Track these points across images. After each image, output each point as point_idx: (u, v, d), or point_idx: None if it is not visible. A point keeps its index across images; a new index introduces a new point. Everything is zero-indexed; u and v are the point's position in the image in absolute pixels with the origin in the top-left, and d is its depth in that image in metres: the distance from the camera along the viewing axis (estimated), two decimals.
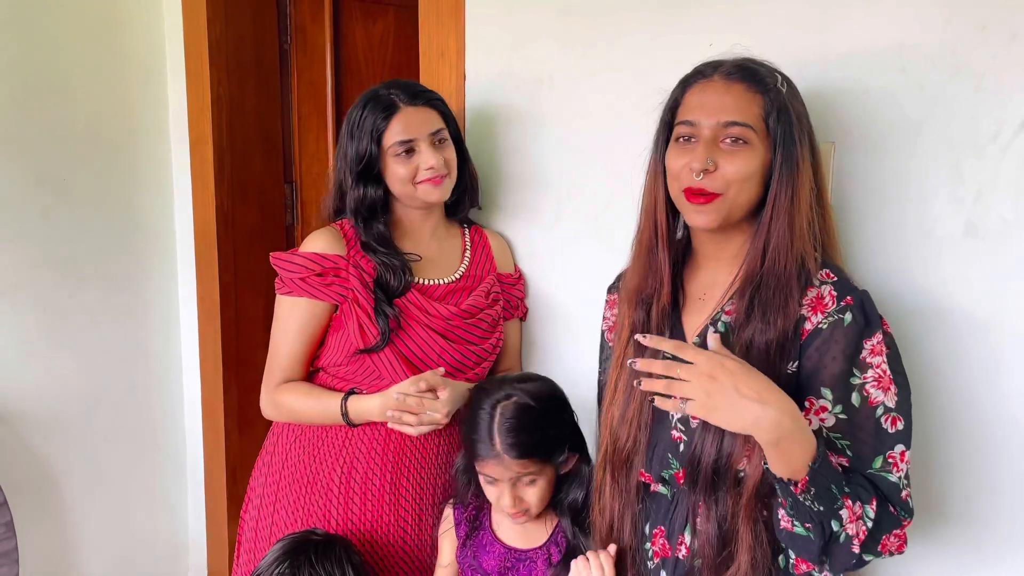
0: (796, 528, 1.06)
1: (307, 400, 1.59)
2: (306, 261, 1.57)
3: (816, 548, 1.06)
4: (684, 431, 1.19)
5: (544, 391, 1.40)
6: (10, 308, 2.11)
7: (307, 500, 1.59)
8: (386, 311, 1.54)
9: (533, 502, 1.36)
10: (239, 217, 2.45)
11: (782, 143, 1.13)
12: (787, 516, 1.07)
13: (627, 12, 1.56)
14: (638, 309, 1.24)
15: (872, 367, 1.10)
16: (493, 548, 1.42)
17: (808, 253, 1.14)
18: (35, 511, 2.18)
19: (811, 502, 1.03)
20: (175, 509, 2.61)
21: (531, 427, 1.33)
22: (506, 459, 1.32)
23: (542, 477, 1.36)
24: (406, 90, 1.57)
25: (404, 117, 1.55)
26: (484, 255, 1.72)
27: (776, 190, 1.13)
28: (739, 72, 1.15)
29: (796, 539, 1.07)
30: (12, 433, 2.14)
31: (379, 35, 2.69)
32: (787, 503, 1.05)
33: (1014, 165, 1.19)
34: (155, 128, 2.44)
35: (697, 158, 1.13)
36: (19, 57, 2.08)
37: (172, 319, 2.54)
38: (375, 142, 1.55)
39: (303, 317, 1.59)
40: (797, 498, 1.03)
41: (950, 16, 1.22)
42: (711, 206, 1.14)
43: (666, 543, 1.23)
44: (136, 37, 2.36)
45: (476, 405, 1.39)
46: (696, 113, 1.15)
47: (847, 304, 1.11)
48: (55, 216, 2.19)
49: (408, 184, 1.57)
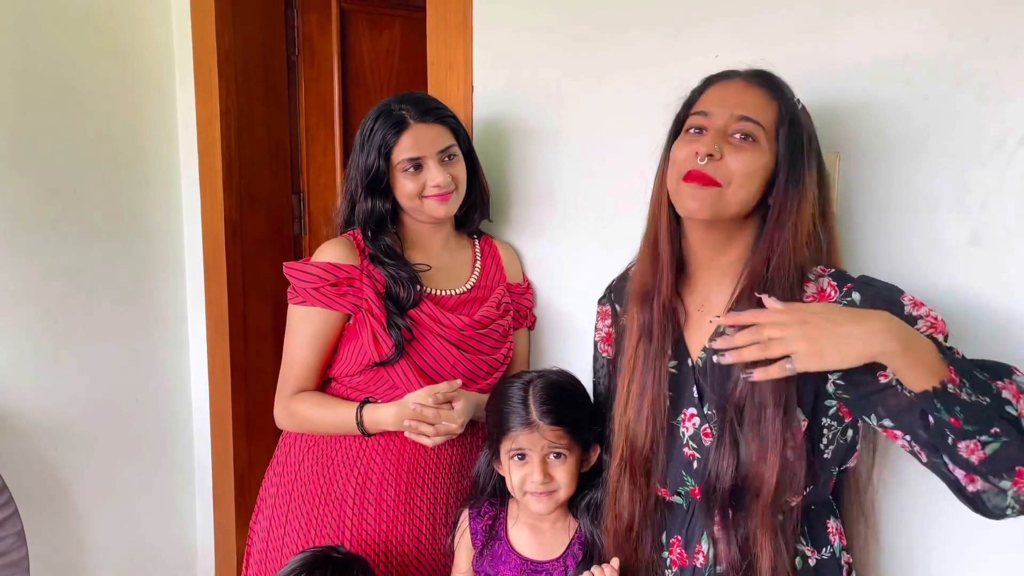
0: (988, 446, 0.97)
1: (321, 410, 1.60)
2: (319, 271, 1.57)
3: (1019, 443, 0.97)
4: (696, 448, 1.19)
5: (569, 375, 1.45)
6: (20, 318, 2.13)
7: (321, 511, 1.59)
8: (398, 323, 1.55)
9: (563, 480, 1.35)
10: (247, 227, 2.47)
11: (789, 154, 1.14)
12: (972, 443, 0.97)
13: (634, 26, 1.57)
14: (644, 309, 1.24)
15: (922, 317, 1.09)
16: (509, 559, 1.41)
17: (808, 266, 1.15)
18: (45, 520, 2.19)
19: (974, 395, 0.97)
20: (184, 518, 2.62)
21: (563, 398, 1.37)
22: (541, 425, 1.34)
23: (571, 455, 1.36)
24: (417, 106, 1.57)
25: (413, 134, 1.55)
26: (494, 265, 1.73)
27: (781, 200, 1.14)
28: (760, 78, 1.18)
29: (999, 459, 0.98)
30: (22, 443, 2.15)
31: (386, 46, 2.71)
32: (959, 420, 0.97)
33: (1018, 174, 1.20)
34: (164, 139, 2.46)
35: (704, 143, 1.13)
36: (29, 69, 2.10)
37: (181, 328, 2.55)
38: (384, 157, 1.56)
39: (316, 327, 1.59)
40: (963, 400, 0.96)
41: (953, 29, 1.23)
42: (707, 191, 1.14)
43: (683, 552, 1.23)
44: (146, 49, 2.38)
45: (505, 387, 1.41)
46: (712, 104, 1.17)
47: (849, 288, 1.12)
48: (65, 227, 2.20)
49: (415, 199, 1.58)
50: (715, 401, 1.18)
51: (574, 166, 1.70)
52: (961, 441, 1.00)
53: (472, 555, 1.46)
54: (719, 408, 1.17)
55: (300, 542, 1.58)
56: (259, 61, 2.48)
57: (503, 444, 1.38)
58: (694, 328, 1.25)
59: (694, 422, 1.21)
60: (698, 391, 1.22)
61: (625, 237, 1.56)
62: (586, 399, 1.43)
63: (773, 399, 1.12)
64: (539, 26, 1.71)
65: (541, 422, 1.34)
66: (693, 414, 1.21)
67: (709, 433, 1.19)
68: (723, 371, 1.17)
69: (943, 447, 1.02)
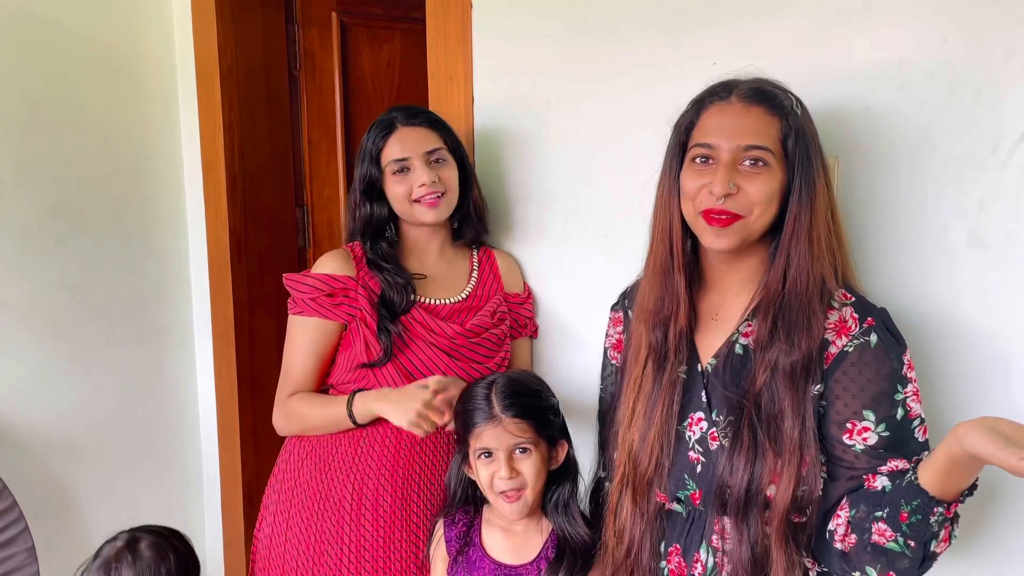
0: (892, 544, 1.05)
1: (314, 408, 1.63)
2: (316, 282, 1.61)
3: (907, 564, 1.05)
4: (702, 452, 1.19)
5: (532, 374, 1.53)
6: (27, 335, 2.14)
7: (319, 516, 1.60)
8: (389, 328, 1.58)
9: (530, 475, 1.36)
10: (252, 241, 2.49)
11: (800, 165, 1.13)
12: (890, 532, 1.05)
13: (632, 34, 1.59)
14: (655, 331, 1.23)
15: (911, 381, 1.12)
16: (483, 564, 1.42)
17: (827, 272, 1.14)
18: (55, 536, 2.20)
19: (938, 527, 1.03)
20: (192, 531, 2.59)
21: (525, 393, 1.40)
22: (504, 420, 1.35)
23: (536, 450, 1.37)
24: (405, 111, 1.64)
25: (400, 136, 1.61)
26: (491, 275, 1.75)
27: (796, 211, 1.13)
28: (756, 95, 1.16)
29: (886, 554, 1.06)
30: (31, 459, 2.16)
31: (386, 59, 2.73)
32: (908, 520, 1.03)
33: (1015, 176, 1.22)
34: (168, 155, 2.47)
35: (719, 181, 1.13)
36: (34, 88, 2.12)
37: (187, 342, 2.56)
38: (375, 162, 1.62)
39: (314, 336, 1.63)
40: (928, 520, 1.02)
41: (948, 34, 1.25)
42: (731, 228, 1.14)
43: (682, 561, 1.22)
44: (148, 67, 2.40)
45: (470, 388, 1.44)
46: (715, 136, 1.15)
47: (869, 325, 1.12)
48: (71, 244, 2.22)
49: (406, 202, 1.61)
50: (729, 404, 1.17)
51: (575, 174, 1.71)
52: (882, 523, 1.06)
53: (448, 562, 1.46)
54: (733, 410, 1.17)
55: (301, 549, 1.60)
56: (261, 76, 2.50)
57: (470, 444, 1.39)
58: (705, 334, 1.25)
59: (701, 426, 1.21)
60: (707, 396, 1.22)
61: (626, 244, 1.58)
62: (548, 395, 1.44)
63: (792, 410, 1.12)
64: (539, 37, 1.72)
65: (504, 415, 1.36)
66: (701, 418, 1.21)
67: (716, 437, 1.19)
68: (739, 367, 1.18)
69: (870, 511, 1.08)
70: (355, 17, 2.65)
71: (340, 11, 2.62)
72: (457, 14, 1.83)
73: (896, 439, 1.11)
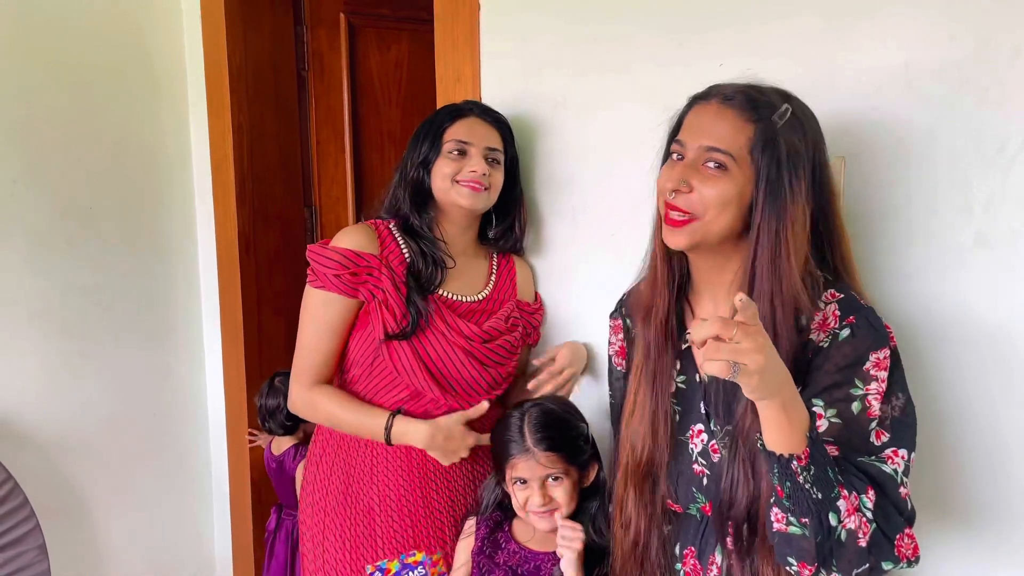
0: (791, 527, 1.02)
1: (346, 412, 1.60)
2: (341, 258, 1.57)
3: (814, 547, 1.00)
4: (706, 464, 1.19)
5: (565, 402, 1.55)
6: (38, 334, 2.16)
7: (352, 522, 1.62)
8: (417, 302, 1.57)
9: (562, 500, 1.42)
10: (260, 241, 2.50)
11: (765, 177, 1.10)
12: (781, 513, 1.03)
13: (639, 36, 1.59)
14: (647, 326, 1.25)
15: (876, 380, 1.08)
16: (508, 546, 1.49)
17: (800, 293, 1.10)
18: (66, 534, 2.21)
19: (810, 485, 0.98)
20: (201, 528, 2.64)
21: (556, 426, 1.45)
22: (536, 453, 1.41)
23: (567, 478, 1.43)
24: (481, 106, 1.68)
25: (470, 123, 1.63)
26: (508, 281, 1.75)
27: (758, 222, 1.11)
28: (737, 98, 1.13)
29: (792, 541, 1.03)
30: (42, 458, 2.18)
31: (394, 60, 2.74)
32: (784, 492, 1.00)
33: (1021, 175, 1.22)
34: (177, 156, 2.49)
35: (671, 177, 1.14)
36: (44, 89, 2.14)
37: (196, 342, 2.58)
38: (437, 137, 1.62)
39: (336, 313, 1.60)
40: (797, 481, 0.98)
41: (954, 33, 1.25)
42: (685, 228, 1.14)
43: (697, 563, 1.22)
44: (158, 68, 2.42)
45: (506, 416, 1.49)
46: (686, 133, 1.16)
47: (849, 323, 1.10)
48: (81, 244, 2.24)
49: (449, 180, 1.60)
50: (725, 414, 1.17)
51: (582, 175, 1.72)
52: (774, 507, 1.04)
53: (471, 547, 1.51)
54: (729, 420, 1.16)
55: (339, 558, 1.61)
56: (270, 77, 2.51)
57: (506, 472, 1.46)
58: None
59: (702, 438, 1.21)
60: (705, 407, 1.22)
61: (634, 245, 1.57)
62: (579, 423, 1.49)
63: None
64: (546, 38, 1.73)
65: (536, 449, 1.41)
66: (700, 430, 1.21)
67: (717, 449, 1.18)
68: (728, 392, 1.16)
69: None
70: (363, 18, 2.67)
71: (348, 12, 2.64)
72: (465, 15, 1.83)
73: (849, 433, 1.07)
